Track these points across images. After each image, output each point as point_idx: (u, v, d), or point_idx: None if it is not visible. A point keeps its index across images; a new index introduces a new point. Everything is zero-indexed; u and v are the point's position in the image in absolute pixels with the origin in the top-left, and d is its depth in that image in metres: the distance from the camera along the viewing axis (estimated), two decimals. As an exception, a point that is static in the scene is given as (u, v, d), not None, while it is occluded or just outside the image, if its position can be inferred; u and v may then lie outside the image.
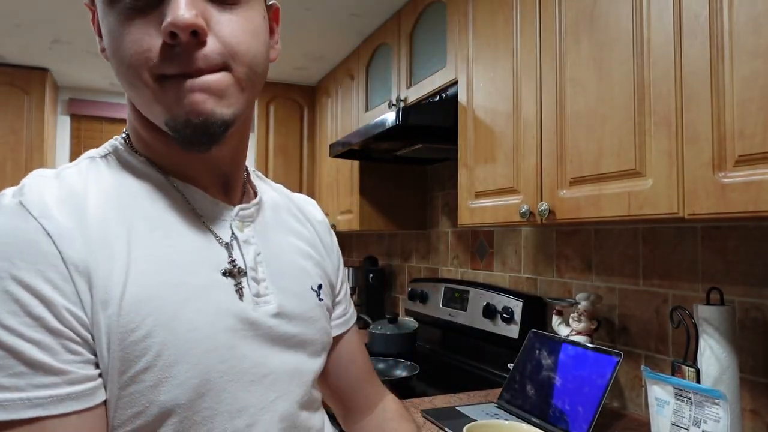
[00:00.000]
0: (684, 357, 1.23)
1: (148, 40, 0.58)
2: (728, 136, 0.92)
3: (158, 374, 0.57)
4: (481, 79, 1.62)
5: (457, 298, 2.14)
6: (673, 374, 1.20)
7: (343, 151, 2.24)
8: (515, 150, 1.46)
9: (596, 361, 1.33)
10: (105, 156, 0.67)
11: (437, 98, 1.93)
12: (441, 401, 1.60)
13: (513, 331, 1.81)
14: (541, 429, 1.33)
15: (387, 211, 2.58)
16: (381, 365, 1.92)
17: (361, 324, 2.88)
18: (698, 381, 1.15)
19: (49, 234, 0.54)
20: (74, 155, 3.37)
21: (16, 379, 0.50)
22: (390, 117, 1.76)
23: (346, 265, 3.60)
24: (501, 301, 1.89)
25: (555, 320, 1.62)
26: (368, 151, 2.36)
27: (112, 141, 0.70)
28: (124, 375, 0.56)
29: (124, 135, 0.70)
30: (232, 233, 0.69)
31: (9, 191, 0.60)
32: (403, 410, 0.94)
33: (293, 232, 0.82)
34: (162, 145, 0.66)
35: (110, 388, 0.56)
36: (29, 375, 0.50)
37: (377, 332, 2.25)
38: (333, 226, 2.84)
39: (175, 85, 0.58)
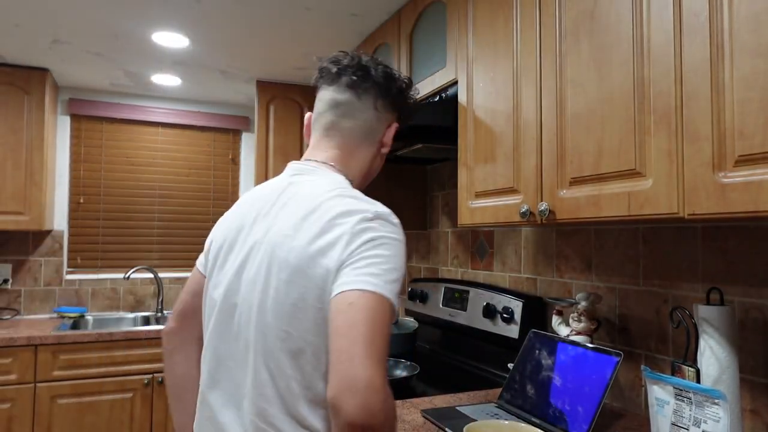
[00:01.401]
0: (684, 357, 1.23)
1: None
2: (728, 135, 0.92)
3: None
4: (481, 79, 1.62)
5: (457, 298, 2.14)
6: (673, 374, 1.20)
7: (343, 151, 2.24)
8: (515, 150, 1.46)
9: (596, 361, 1.32)
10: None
11: (437, 98, 1.93)
12: (441, 401, 1.60)
13: (513, 331, 1.81)
14: (541, 429, 1.33)
15: (387, 211, 2.57)
16: (381, 365, 1.92)
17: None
18: (698, 381, 1.15)
19: None
20: (74, 155, 3.37)
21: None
22: (390, 117, 1.76)
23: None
24: (501, 301, 1.89)
25: (555, 320, 1.62)
26: (368, 151, 2.36)
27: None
28: None
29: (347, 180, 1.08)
30: None
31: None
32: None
33: None
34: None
35: None
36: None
37: (377, 332, 2.24)
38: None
39: None
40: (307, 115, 1.18)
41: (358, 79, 1.09)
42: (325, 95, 1.12)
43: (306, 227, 0.92)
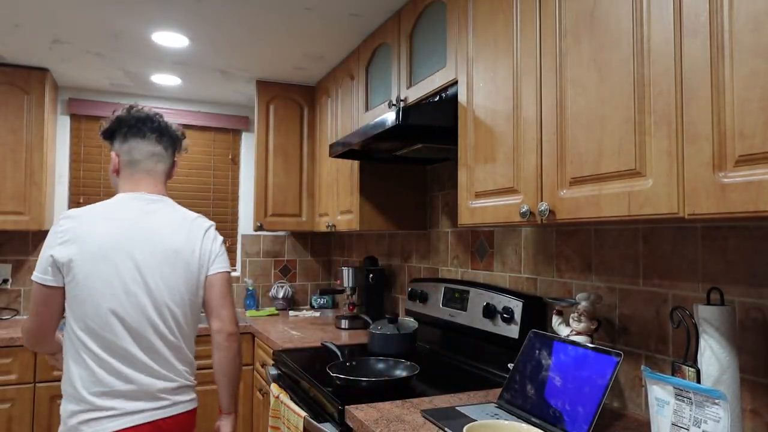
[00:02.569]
0: (684, 357, 1.22)
1: None
2: (728, 135, 0.92)
3: None
4: (481, 79, 1.62)
5: (457, 298, 2.14)
6: (673, 374, 1.20)
7: (343, 151, 2.24)
8: (515, 150, 1.46)
9: (596, 361, 1.32)
10: None
11: (437, 98, 1.93)
12: (441, 401, 1.60)
13: (513, 331, 1.81)
14: (541, 429, 1.33)
15: (387, 211, 2.58)
16: (381, 365, 1.92)
17: (362, 324, 2.89)
18: (698, 381, 1.15)
19: None
20: (74, 155, 3.38)
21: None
22: (390, 117, 1.76)
23: (346, 265, 3.60)
24: (501, 301, 1.89)
25: (555, 320, 1.62)
26: (368, 151, 2.36)
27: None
28: None
29: None
30: None
31: None
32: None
33: None
34: None
35: None
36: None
37: (377, 332, 2.25)
38: (333, 226, 2.84)
39: None
40: (117, 159, 1.61)
41: (160, 135, 1.64)
42: (139, 146, 1.60)
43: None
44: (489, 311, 1.92)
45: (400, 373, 1.87)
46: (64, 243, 1.43)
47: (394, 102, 2.18)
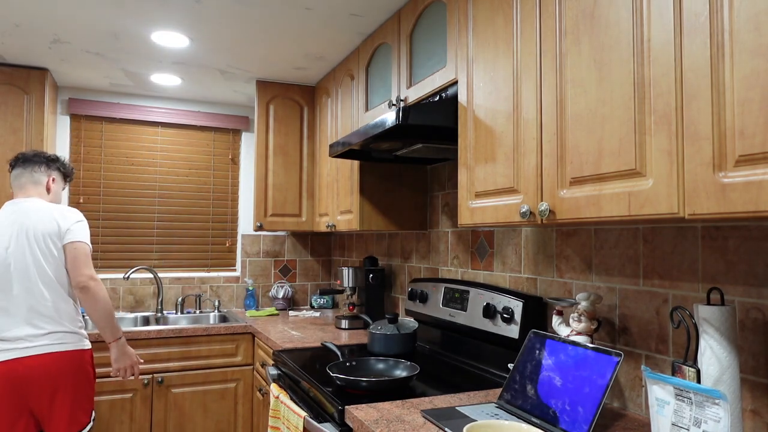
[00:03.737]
0: (684, 357, 1.22)
1: None
2: (729, 135, 0.92)
3: None
4: (482, 79, 1.62)
5: (457, 298, 2.14)
6: (673, 374, 1.20)
7: (343, 151, 2.24)
8: (515, 150, 1.46)
9: (596, 361, 1.32)
10: None
11: (437, 98, 1.93)
12: (441, 401, 1.60)
13: (513, 331, 1.81)
14: (541, 429, 1.33)
15: (387, 211, 2.58)
16: (381, 365, 1.92)
17: (362, 324, 2.89)
18: (698, 381, 1.15)
19: None
20: (74, 155, 3.38)
21: None
22: (390, 117, 1.76)
23: (346, 265, 3.60)
24: (501, 301, 1.89)
25: (555, 320, 1.62)
26: (368, 151, 2.36)
27: None
28: None
29: None
30: None
31: None
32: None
33: None
34: None
35: None
36: None
37: (377, 332, 2.25)
38: (333, 226, 2.84)
39: None
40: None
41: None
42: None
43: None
44: (489, 311, 1.92)
45: (400, 373, 1.87)
46: None
47: (394, 102, 2.18)
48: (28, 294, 2.01)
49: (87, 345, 2.12)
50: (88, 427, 2.08)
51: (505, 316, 1.84)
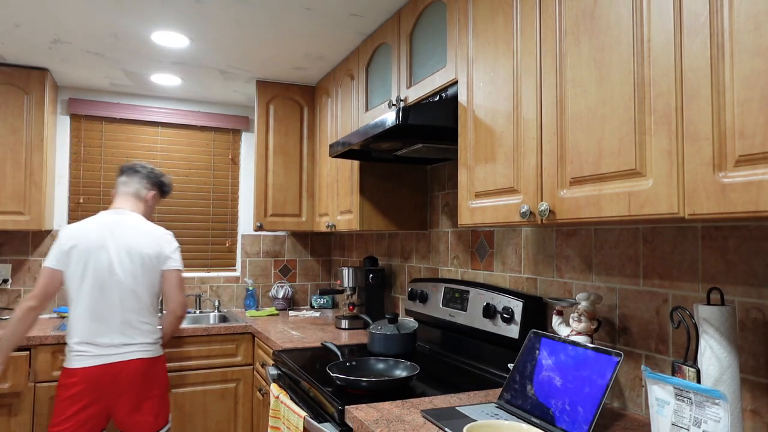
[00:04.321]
0: (684, 357, 1.22)
1: None
2: (728, 135, 0.92)
3: None
4: (482, 79, 1.62)
5: (457, 298, 2.14)
6: (673, 374, 1.20)
7: (343, 151, 2.24)
8: (515, 150, 1.46)
9: (596, 361, 1.32)
10: None
11: (437, 98, 1.93)
12: (441, 401, 1.60)
13: (513, 331, 1.81)
14: (541, 429, 1.33)
15: (387, 211, 2.58)
16: (381, 365, 1.92)
17: (362, 324, 2.89)
18: (698, 381, 1.15)
19: None
20: (74, 155, 3.38)
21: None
22: (390, 117, 1.76)
23: (346, 265, 3.60)
24: (501, 301, 1.89)
25: (555, 320, 1.62)
26: (368, 151, 2.36)
27: None
28: None
29: None
30: None
31: None
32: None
33: None
34: None
35: None
36: None
37: (377, 332, 2.25)
38: (333, 226, 2.84)
39: None
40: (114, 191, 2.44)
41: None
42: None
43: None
44: (489, 311, 1.92)
45: (400, 373, 1.87)
46: None
47: (394, 102, 2.18)
48: (124, 307, 2.16)
49: (162, 353, 2.30)
50: (166, 428, 2.24)
51: (505, 316, 1.84)
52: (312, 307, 3.68)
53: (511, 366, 1.58)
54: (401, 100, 2.14)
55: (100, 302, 2.13)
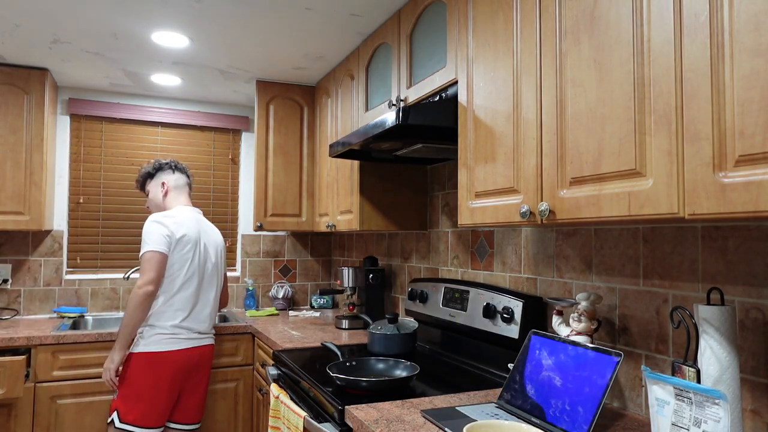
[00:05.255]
0: (684, 357, 1.22)
1: None
2: (728, 135, 0.92)
3: None
4: (482, 79, 1.62)
5: (457, 298, 2.14)
6: (673, 374, 1.20)
7: (343, 151, 2.24)
8: (515, 150, 1.46)
9: (596, 362, 1.32)
10: None
11: (437, 98, 1.93)
12: (441, 401, 1.60)
13: (513, 331, 1.81)
14: (541, 429, 1.33)
15: (387, 211, 2.58)
16: (381, 365, 1.92)
17: (362, 324, 2.88)
18: (698, 381, 1.15)
19: None
20: (74, 155, 3.38)
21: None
22: (390, 117, 1.76)
23: (346, 265, 3.60)
24: (501, 301, 1.89)
25: (555, 320, 1.62)
26: (368, 151, 2.36)
27: None
28: None
29: None
30: None
31: None
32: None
33: None
34: None
35: None
36: None
37: (377, 332, 2.25)
38: (333, 226, 2.84)
39: None
40: (167, 184, 2.54)
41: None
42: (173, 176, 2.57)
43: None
44: (489, 311, 1.92)
45: (400, 373, 1.87)
46: None
47: (394, 102, 2.18)
48: (212, 298, 2.43)
49: None
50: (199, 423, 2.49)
51: (505, 316, 1.84)
52: (312, 307, 3.68)
53: (511, 366, 1.59)
54: (401, 100, 2.14)
55: (201, 291, 2.36)
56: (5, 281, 3.18)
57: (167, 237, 2.26)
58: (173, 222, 2.30)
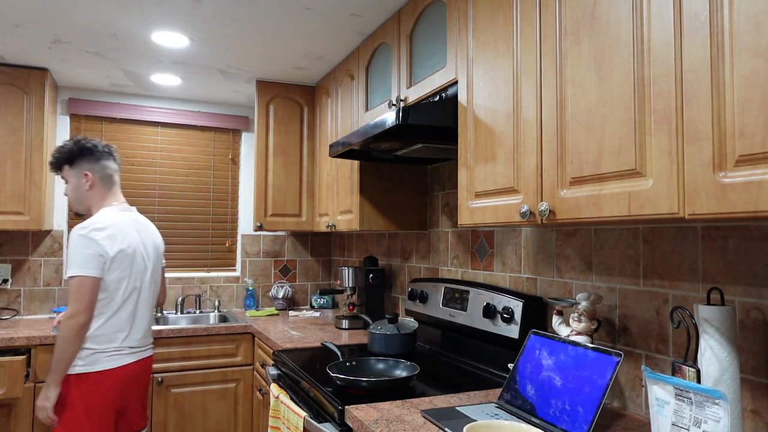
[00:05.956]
0: (684, 357, 1.22)
1: None
2: (728, 135, 0.92)
3: None
4: (481, 79, 1.62)
5: (457, 298, 2.14)
6: (673, 374, 1.20)
7: (343, 151, 2.24)
8: (515, 150, 1.46)
9: (596, 362, 1.32)
10: None
11: (437, 98, 1.93)
12: (441, 401, 1.60)
13: (513, 331, 1.81)
14: (541, 429, 1.33)
15: (387, 211, 2.58)
16: (381, 365, 1.92)
17: (362, 324, 2.88)
18: (699, 381, 1.15)
19: None
20: (74, 155, 3.37)
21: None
22: (390, 117, 1.76)
23: (346, 265, 3.60)
24: (501, 301, 1.89)
25: (555, 320, 1.62)
26: (368, 151, 2.36)
27: None
28: None
29: None
30: None
31: None
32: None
33: None
34: None
35: None
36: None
37: (377, 332, 2.25)
38: (333, 226, 2.84)
39: None
40: (91, 176, 2.13)
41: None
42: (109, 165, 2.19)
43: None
44: (489, 311, 1.92)
45: (400, 373, 1.87)
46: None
47: (394, 102, 2.18)
48: (151, 307, 2.19)
49: None
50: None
51: (505, 316, 1.84)
52: (312, 307, 3.68)
53: (511, 366, 1.59)
54: (401, 100, 2.14)
55: (139, 305, 2.10)
56: (5, 281, 3.18)
57: (99, 257, 1.95)
58: (105, 236, 1.98)
